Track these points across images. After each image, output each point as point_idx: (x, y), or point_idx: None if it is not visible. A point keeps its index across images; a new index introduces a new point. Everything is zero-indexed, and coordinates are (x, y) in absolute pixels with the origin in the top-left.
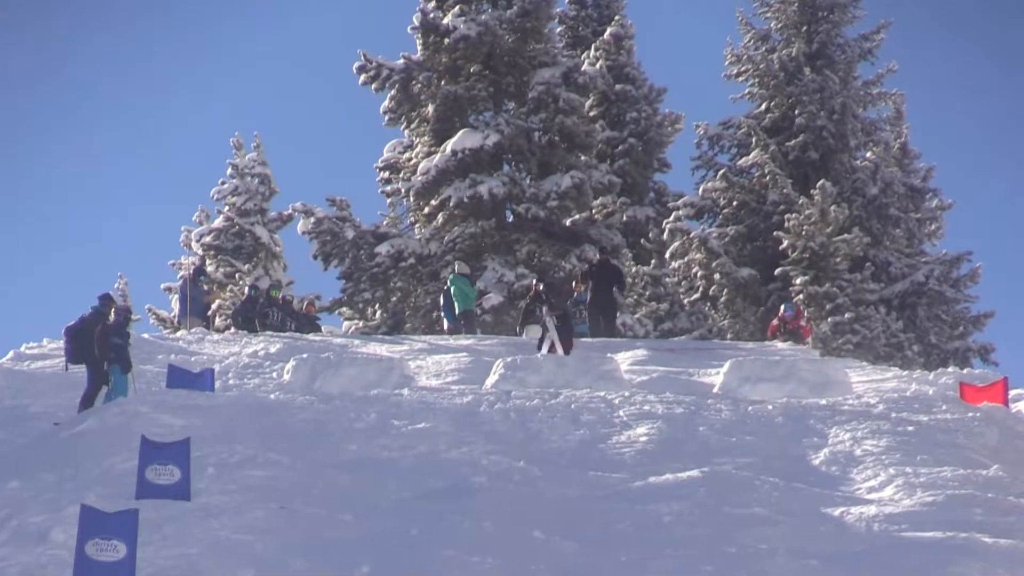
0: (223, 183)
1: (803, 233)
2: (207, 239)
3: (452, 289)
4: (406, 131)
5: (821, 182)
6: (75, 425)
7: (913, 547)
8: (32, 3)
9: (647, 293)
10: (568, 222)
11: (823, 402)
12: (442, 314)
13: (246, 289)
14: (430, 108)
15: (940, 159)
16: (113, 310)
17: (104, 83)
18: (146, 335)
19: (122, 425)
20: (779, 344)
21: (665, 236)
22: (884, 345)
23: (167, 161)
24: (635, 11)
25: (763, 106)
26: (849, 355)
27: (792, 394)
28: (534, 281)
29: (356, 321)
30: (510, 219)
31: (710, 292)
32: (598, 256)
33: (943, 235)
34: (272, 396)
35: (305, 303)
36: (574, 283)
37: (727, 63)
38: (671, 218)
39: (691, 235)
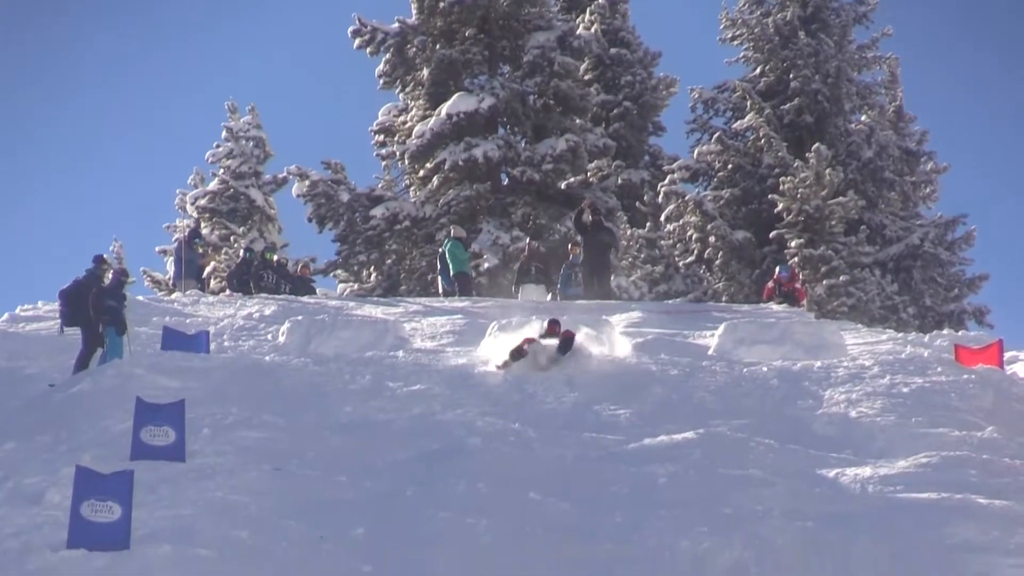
0: (218, 146)
1: (798, 196)
2: (202, 202)
3: (447, 252)
4: (401, 95)
5: (816, 145)
6: (70, 387)
7: (908, 508)
8: None
9: (642, 256)
10: (563, 185)
11: (818, 364)
12: (438, 277)
13: (241, 251)
14: (425, 72)
15: (935, 122)
16: (109, 272)
17: (98, 46)
18: (141, 297)
19: (117, 387)
20: (774, 306)
21: (660, 199)
22: (879, 308)
23: (162, 124)
24: None
25: (758, 70)
26: (844, 317)
27: (787, 356)
28: (528, 241)
29: (351, 283)
30: (505, 182)
31: (705, 255)
32: (590, 217)
33: (938, 198)
34: (267, 358)
35: (300, 265)
36: (569, 245)
37: (722, 27)
38: (666, 181)
39: (686, 198)
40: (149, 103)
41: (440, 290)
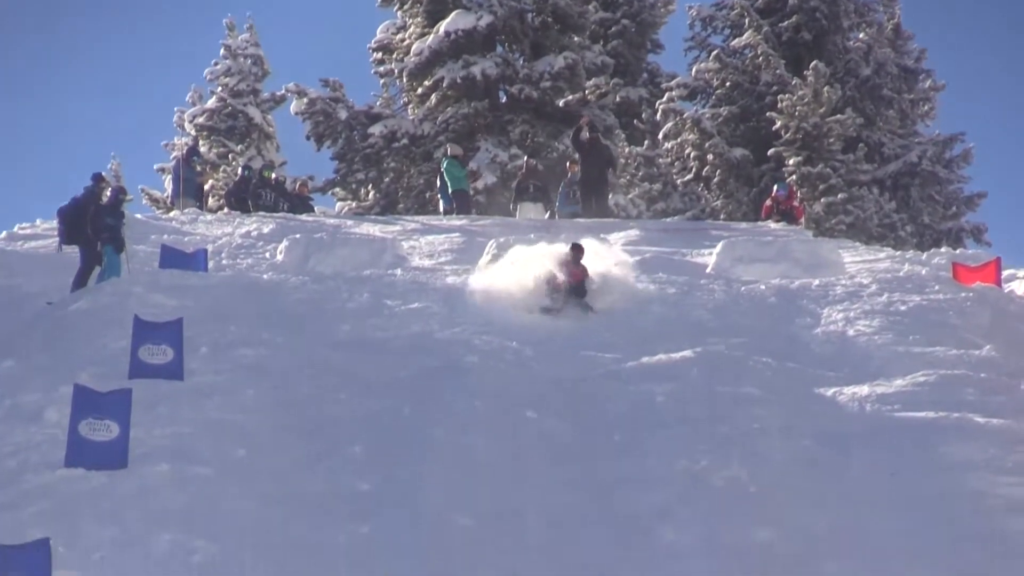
0: (216, 64)
1: (796, 114)
2: (200, 120)
3: (444, 171)
4: (399, 12)
5: (814, 63)
6: (68, 305)
7: (906, 427)
8: None
9: (640, 174)
10: (561, 103)
11: (816, 282)
12: (438, 196)
13: (239, 170)
14: None
15: (932, 40)
16: (108, 191)
17: None
18: (139, 216)
19: (115, 305)
20: (772, 225)
21: (658, 117)
22: (877, 226)
23: (160, 42)
24: None
25: None
26: (842, 235)
27: (785, 274)
28: (526, 159)
29: (349, 202)
30: (503, 100)
31: (703, 173)
32: (587, 135)
33: (936, 116)
34: (265, 276)
35: (298, 183)
36: (568, 163)
37: None
38: (664, 99)
39: (684, 116)
40: (148, 21)
41: (440, 208)
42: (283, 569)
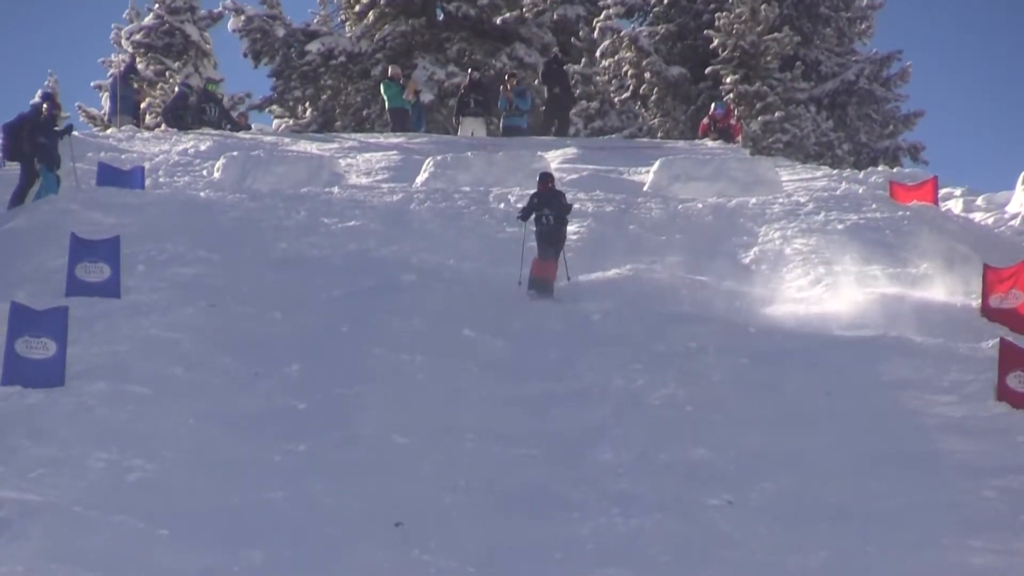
0: None
1: (733, 32)
2: (137, 37)
3: (382, 91)
4: None
5: None
6: (5, 223)
7: (842, 345)
8: None
9: (577, 92)
10: (498, 20)
11: (753, 201)
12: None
13: (177, 87)
14: None
15: None
16: (44, 106)
17: None
18: (76, 133)
19: (52, 222)
20: (709, 143)
21: (595, 35)
22: (814, 144)
23: None
24: None
25: None
26: (779, 154)
27: (722, 193)
28: (469, 71)
29: (286, 119)
30: (440, 17)
31: (640, 91)
32: (555, 52)
33: (873, 34)
34: (202, 194)
35: (237, 115)
36: (507, 77)
37: None
38: (601, 17)
39: (621, 34)
40: None
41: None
42: (219, 487)
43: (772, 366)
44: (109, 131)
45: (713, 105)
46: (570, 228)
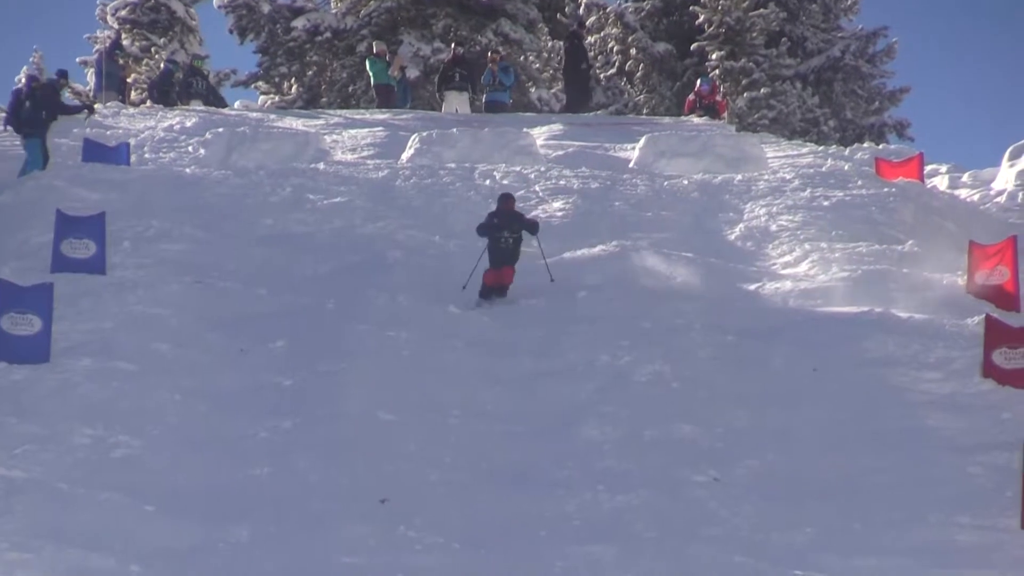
0: None
1: (719, 8)
2: (123, 13)
3: (368, 67)
4: None
5: None
6: None
7: (828, 322)
8: None
9: (563, 67)
10: None
11: (739, 177)
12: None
13: (162, 63)
14: None
15: None
16: (24, 82)
17: None
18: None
19: (37, 199)
20: (695, 119)
21: (581, 11)
22: (800, 120)
23: None
24: None
25: None
26: (765, 130)
27: (708, 169)
28: (453, 46)
29: (272, 96)
30: None
31: (626, 67)
32: (576, 27)
33: (859, 10)
34: (188, 170)
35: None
36: (490, 54)
37: None
38: None
39: (607, 10)
40: None
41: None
42: (205, 464)
43: (758, 343)
44: (95, 107)
45: (699, 81)
46: (556, 205)
